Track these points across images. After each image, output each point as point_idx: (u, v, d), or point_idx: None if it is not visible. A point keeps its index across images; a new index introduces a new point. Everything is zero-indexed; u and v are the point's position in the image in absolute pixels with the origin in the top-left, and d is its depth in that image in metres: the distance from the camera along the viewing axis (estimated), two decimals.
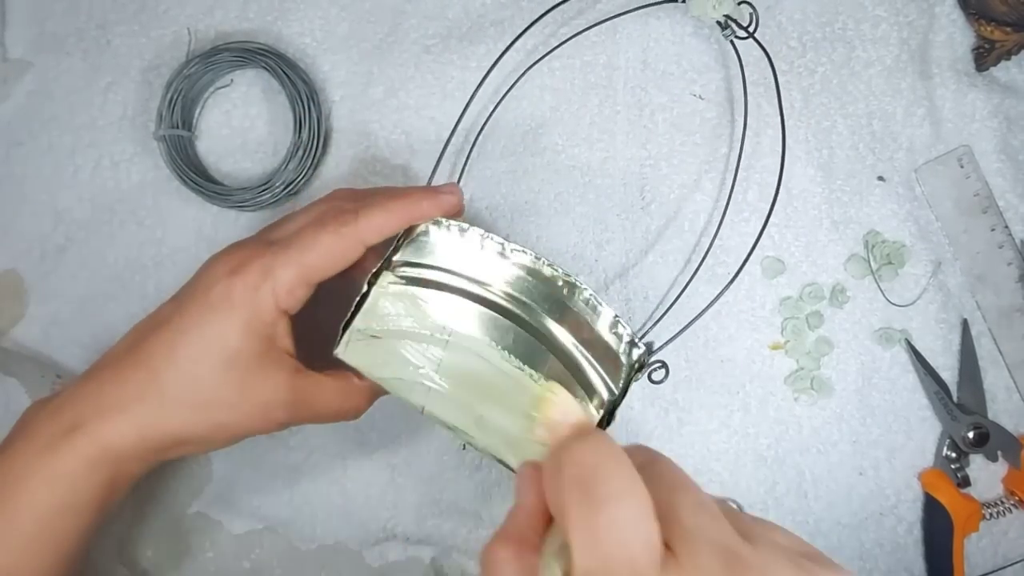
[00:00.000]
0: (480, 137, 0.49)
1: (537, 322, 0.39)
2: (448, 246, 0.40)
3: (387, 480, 0.48)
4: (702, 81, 0.50)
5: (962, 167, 0.49)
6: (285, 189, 0.49)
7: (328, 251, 0.37)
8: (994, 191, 0.48)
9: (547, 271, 0.39)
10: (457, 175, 0.49)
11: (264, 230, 0.40)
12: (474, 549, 0.47)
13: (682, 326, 0.42)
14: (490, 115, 0.49)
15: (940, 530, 0.46)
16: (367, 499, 0.48)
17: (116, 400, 0.36)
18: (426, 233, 0.40)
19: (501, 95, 0.49)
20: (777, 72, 0.49)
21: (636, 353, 0.39)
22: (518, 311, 0.39)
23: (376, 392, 0.40)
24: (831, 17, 0.50)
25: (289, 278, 0.36)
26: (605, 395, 0.39)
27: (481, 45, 0.51)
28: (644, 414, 0.48)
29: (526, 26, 0.47)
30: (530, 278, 0.40)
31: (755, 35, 0.47)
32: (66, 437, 0.35)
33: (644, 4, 0.49)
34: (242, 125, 0.51)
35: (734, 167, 0.50)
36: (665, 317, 0.46)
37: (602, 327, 0.39)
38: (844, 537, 0.47)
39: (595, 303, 0.39)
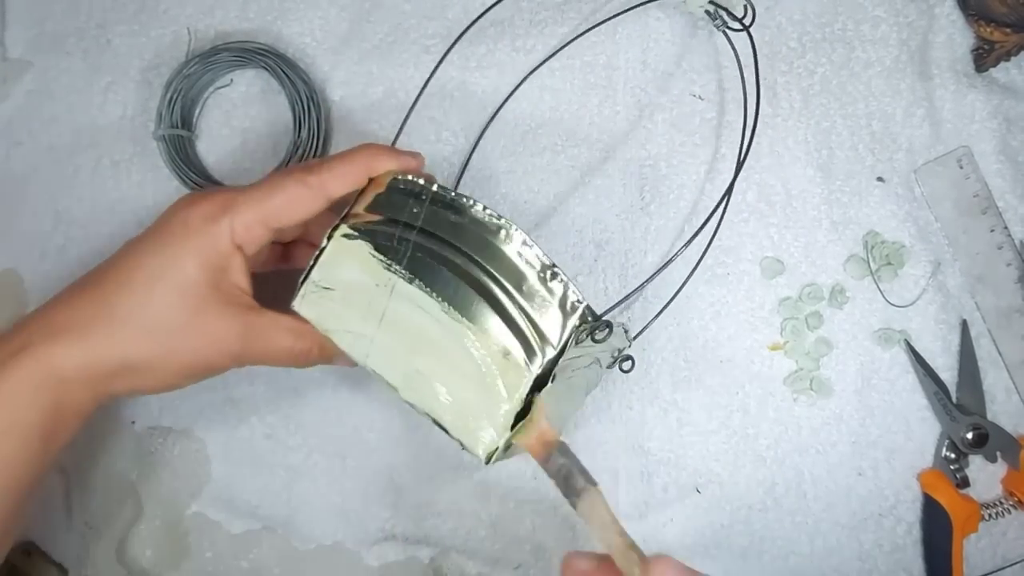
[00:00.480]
0: (480, 139, 0.49)
1: (480, 274, 0.38)
2: (403, 199, 0.40)
3: (387, 480, 0.48)
4: (702, 82, 0.50)
5: (961, 168, 0.49)
6: None
7: (290, 197, 0.37)
8: (993, 192, 0.48)
9: (491, 219, 0.39)
10: (457, 174, 0.49)
11: None
12: (473, 549, 0.47)
13: (678, 323, 0.42)
14: (492, 118, 0.49)
15: (939, 531, 0.46)
16: (366, 499, 0.48)
17: (64, 322, 0.35)
18: (383, 187, 0.40)
19: (502, 97, 0.49)
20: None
21: (577, 308, 0.38)
22: (463, 263, 0.39)
23: (330, 347, 0.40)
24: (831, 18, 0.50)
25: (249, 216, 0.37)
26: (548, 352, 0.37)
27: (481, 45, 0.51)
28: (643, 415, 0.48)
29: (473, 20, 0.47)
30: (477, 230, 0.39)
31: (747, 24, 0.46)
32: (13, 358, 0.34)
33: (642, 1, 0.48)
34: (242, 125, 0.51)
35: (733, 169, 0.50)
36: (663, 314, 0.46)
37: (543, 279, 0.38)
38: (843, 538, 0.47)
39: (540, 257, 0.38)
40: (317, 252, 0.39)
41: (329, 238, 0.39)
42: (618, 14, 0.49)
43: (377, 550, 0.48)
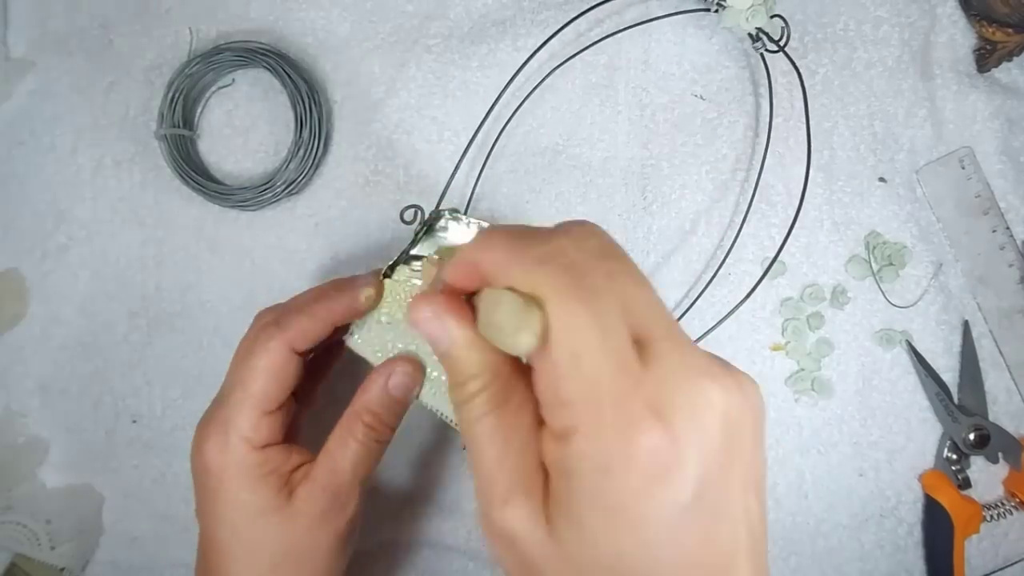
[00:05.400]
0: (486, 140, 0.49)
1: None
2: (465, 241, 0.40)
3: (387, 480, 0.48)
4: (703, 82, 0.50)
5: (963, 168, 0.49)
6: (286, 189, 0.49)
7: (264, 372, 0.35)
8: (995, 192, 0.48)
9: None
10: (472, 184, 0.49)
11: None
12: (475, 549, 0.47)
13: (680, 323, 0.42)
14: (506, 124, 0.48)
15: (941, 532, 0.46)
16: (367, 500, 0.48)
17: None
18: (444, 228, 0.40)
19: (512, 102, 0.49)
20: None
21: None
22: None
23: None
24: (832, 18, 0.50)
25: (247, 418, 0.35)
26: None
27: (483, 45, 0.51)
28: None
29: (551, 33, 0.47)
30: None
31: (785, 49, 0.46)
32: None
33: (676, 12, 0.49)
34: (243, 124, 0.51)
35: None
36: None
37: None
38: (844, 538, 0.47)
39: None
40: (369, 290, 0.39)
41: (385, 277, 0.39)
42: (644, 22, 0.49)
43: (378, 551, 0.48)
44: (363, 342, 0.39)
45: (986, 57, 0.49)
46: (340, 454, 0.37)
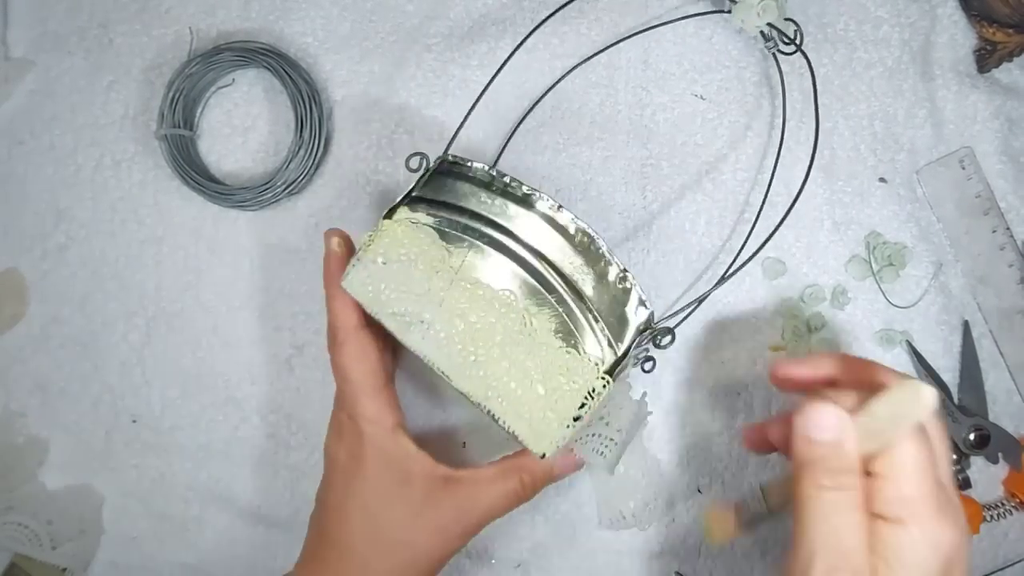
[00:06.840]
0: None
1: (546, 270, 0.38)
2: (469, 186, 0.39)
3: None
4: (703, 81, 0.50)
5: (964, 169, 0.49)
6: (286, 189, 0.49)
7: (366, 352, 0.40)
8: (995, 193, 0.48)
9: (565, 219, 0.39)
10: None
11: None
12: (473, 547, 0.47)
13: (681, 324, 0.42)
14: (520, 121, 0.48)
15: None
16: None
17: None
18: (447, 172, 0.39)
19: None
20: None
21: (644, 313, 0.38)
22: (529, 258, 0.38)
23: (536, 467, 0.40)
24: (833, 18, 0.50)
25: (369, 398, 0.40)
26: (606, 352, 0.38)
27: (483, 44, 0.51)
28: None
29: (546, 30, 0.47)
30: (547, 226, 0.39)
31: (802, 48, 0.46)
32: None
33: (689, 15, 0.49)
34: (243, 124, 0.51)
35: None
36: (676, 319, 0.46)
37: (612, 281, 0.38)
38: None
39: (608, 257, 0.38)
40: (370, 232, 0.39)
41: (386, 218, 0.39)
42: (658, 25, 0.49)
43: None
44: (356, 282, 0.38)
45: (986, 57, 0.49)
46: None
